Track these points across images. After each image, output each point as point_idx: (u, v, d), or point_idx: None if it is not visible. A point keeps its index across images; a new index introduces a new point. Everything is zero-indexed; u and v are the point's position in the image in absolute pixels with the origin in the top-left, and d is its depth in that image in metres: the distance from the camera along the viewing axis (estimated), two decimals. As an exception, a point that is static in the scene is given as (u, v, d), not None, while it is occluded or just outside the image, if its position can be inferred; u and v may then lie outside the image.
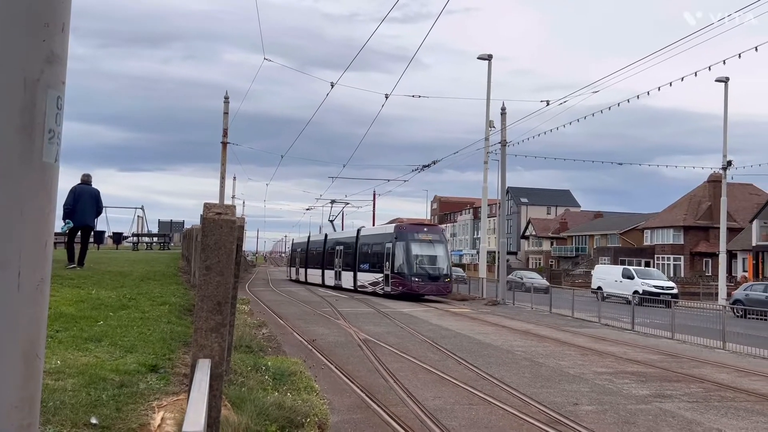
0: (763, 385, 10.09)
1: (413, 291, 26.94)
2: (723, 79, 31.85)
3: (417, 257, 27.78)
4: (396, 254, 27.90)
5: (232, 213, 2.99)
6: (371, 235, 32.18)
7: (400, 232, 28.74)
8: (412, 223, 32.24)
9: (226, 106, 30.37)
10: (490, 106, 27.31)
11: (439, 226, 33.50)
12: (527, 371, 10.58)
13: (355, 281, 32.02)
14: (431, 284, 27.50)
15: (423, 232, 29.03)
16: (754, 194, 59.13)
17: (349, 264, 33.38)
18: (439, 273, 28.14)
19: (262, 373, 5.88)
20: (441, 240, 29.48)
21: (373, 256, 30.61)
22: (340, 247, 35.57)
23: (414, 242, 28.02)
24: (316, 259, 40.55)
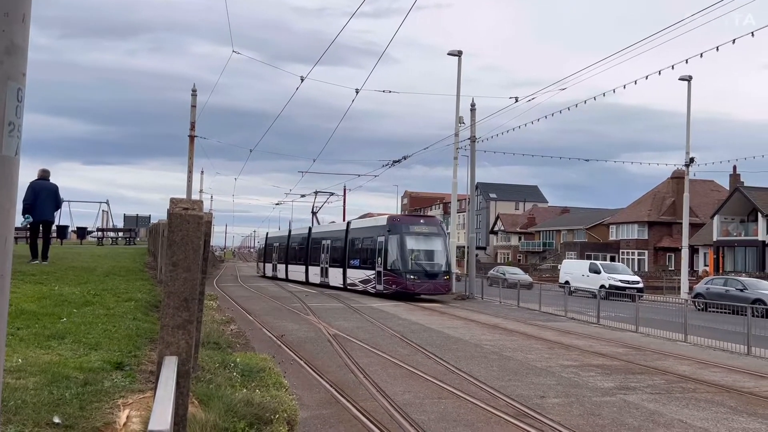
0: (723, 376, 10.38)
1: (408, 290, 24.51)
2: (686, 78, 32.57)
3: (412, 252, 25.31)
4: (389, 249, 25.37)
5: (200, 208, 2.95)
6: (362, 228, 29.27)
7: (393, 224, 26.15)
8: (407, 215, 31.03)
9: (193, 99, 29.96)
10: (460, 102, 27.49)
11: (437, 217, 29.28)
12: (495, 365, 10.70)
13: (344, 279, 29.44)
14: (428, 282, 24.95)
15: (419, 224, 26.53)
16: (715, 190, 60.73)
17: (337, 260, 30.75)
18: (437, 270, 25.50)
19: (231, 370, 5.82)
20: (439, 233, 26.63)
21: (364, 251, 28.00)
22: (327, 241, 32.69)
23: (409, 236, 25.46)
24: (298, 254, 37.62)
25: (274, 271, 42.17)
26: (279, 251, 41.95)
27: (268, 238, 47.17)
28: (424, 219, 27.73)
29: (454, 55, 27.34)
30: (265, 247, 47.07)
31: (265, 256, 46.35)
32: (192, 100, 29.99)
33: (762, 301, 22.62)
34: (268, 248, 45.42)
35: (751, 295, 24.04)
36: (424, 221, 27.00)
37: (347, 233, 30.10)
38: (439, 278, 25.34)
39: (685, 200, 35.21)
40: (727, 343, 13.80)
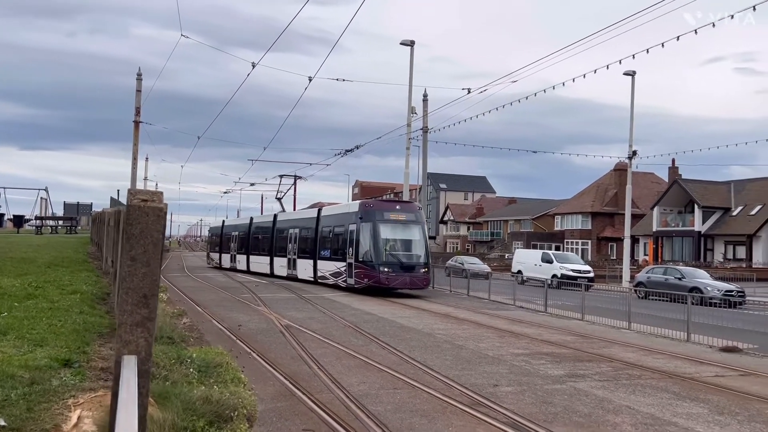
0: (665, 362, 10.77)
1: (381, 284, 22.22)
2: (630, 73, 33.49)
3: (387, 242, 22.84)
4: (361, 239, 22.99)
5: (159, 200, 2.82)
6: (333, 216, 26.75)
7: (365, 210, 23.52)
8: (381, 200, 27.05)
9: (138, 83, 29.01)
10: (412, 93, 27.51)
11: (415, 203, 26.12)
12: (449, 354, 10.80)
13: (315, 271, 27.01)
14: (404, 275, 22.54)
15: (394, 210, 23.76)
16: (655, 182, 62.99)
17: (307, 250, 28.23)
18: (415, 261, 23.12)
19: (187, 366, 5.66)
20: (417, 220, 23.97)
21: (335, 240, 25.53)
22: (295, 230, 30.01)
23: (383, 223, 22.96)
24: (262, 244, 34.72)
25: (232, 263, 39.26)
26: (239, 240, 38.86)
27: (226, 226, 43.84)
28: (400, 204, 24.77)
29: (406, 44, 27.31)
30: (221, 236, 43.48)
31: (221, 246, 42.99)
32: (137, 85, 29.03)
33: (699, 289, 23.62)
34: (226, 237, 42.18)
35: (688, 283, 25.06)
36: (400, 207, 24.24)
37: (318, 221, 27.71)
38: (417, 271, 23.03)
39: (627, 192, 36.32)
40: (668, 330, 14.32)
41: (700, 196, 48.30)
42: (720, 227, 47.28)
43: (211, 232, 48.97)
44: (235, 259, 38.84)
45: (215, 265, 43.35)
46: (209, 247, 48.31)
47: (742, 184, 50.08)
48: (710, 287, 24.27)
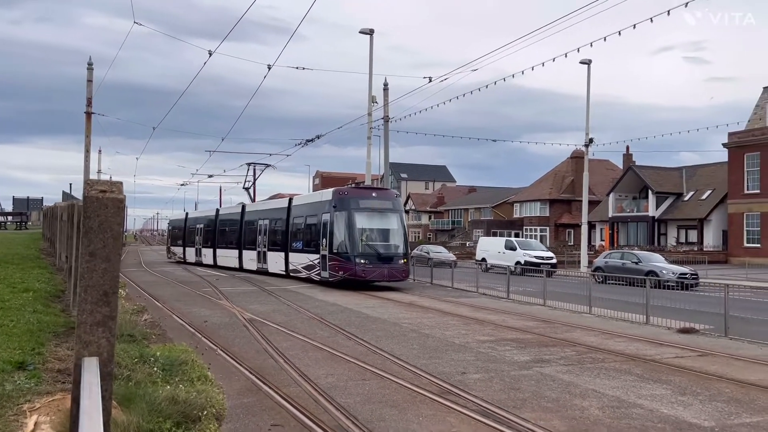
0: (627, 345, 10.98)
1: (358, 277, 20.91)
2: (586, 61, 34.01)
3: (363, 232, 21.55)
4: (335, 229, 21.65)
5: (119, 190, 2.64)
6: (305, 205, 25.29)
7: (339, 198, 22.12)
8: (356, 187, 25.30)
9: (90, 73, 28.06)
10: (372, 81, 27.34)
11: (392, 190, 24.82)
12: (415, 343, 10.78)
13: (287, 264, 25.72)
14: (382, 267, 21.22)
15: (370, 198, 22.34)
16: (610, 169, 64.38)
17: (278, 243, 26.81)
18: (393, 252, 21.84)
19: (150, 365, 5.44)
20: (395, 208, 22.71)
21: (307, 231, 24.14)
22: (265, 221, 28.50)
23: (358, 212, 21.59)
24: (230, 236, 33.01)
25: (198, 257, 37.43)
26: (204, 233, 37.05)
27: (190, 218, 41.45)
28: (376, 192, 23.23)
29: (366, 33, 27.09)
30: (185, 229, 41.21)
31: (185, 239, 40.76)
32: (88, 74, 28.07)
33: (655, 273, 24.20)
34: (190, 230, 39.98)
35: (645, 267, 25.67)
36: (376, 194, 22.74)
37: (289, 211, 26.32)
38: (395, 262, 21.68)
39: (584, 179, 36.99)
40: (627, 314, 14.62)
41: (654, 182, 49.55)
42: (673, 212, 48.64)
43: (173, 225, 46.99)
44: (201, 253, 37.22)
45: (178, 259, 41.63)
46: (170, 241, 45.93)
47: (693, 169, 51.57)
48: (665, 270, 24.92)
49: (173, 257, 43.29)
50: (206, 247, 36.33)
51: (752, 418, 6.50)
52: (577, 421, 6.33)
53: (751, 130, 42.83)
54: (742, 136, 42.68)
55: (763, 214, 40.71)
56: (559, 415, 6.51)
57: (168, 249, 46.08)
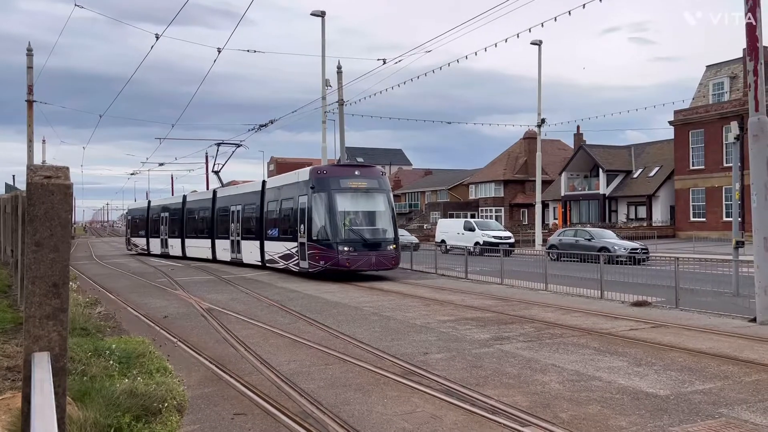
0: (583, 320, 11.23)
1: (341, 266, 18.71)
2: (537, 42, 34.41)
3: (346, 215, 19.25)
4: (314, 213, 19.42)
5: (65, 176, 2.50)
6: (280, 188, 22.82)
7: (318, 178, 19.72)
8: (337, 165, 22.06)
9: (29, 59, 26.87)
10: (326, 64, 27.02)
11: (377, 167, 22.10)
12: (377, 326, 10.78)
13: (262, 254, 23.63)
14: (369, 255, 18.97)
15: (353, 176, 19.97)
16: (562, 149, 65.61)
17: (252, 230, 24.55)
18: (380, 237, 19.57)
19: (106, 358, 5.26)
20: (381, 188, 20.25)
21: (283, 217, 21.95)
22: (238, 207, 26.15)
23: (340, 193, 19.28)
24: (200, 225, 30.55)
25: (164, 248, 34.91)
26: (170, 222, 34.28)
27: (153, 206, 38.44)
28: (360, 170, 20.73)
29: (317, 15, 26.71)
30: (147, 218, 38.11)
31: (148, 230, 37.88)
32: (28, 61, 26.88)
33: (607, 248, 24.83)
34: (153, 219, 37.02)
35: (597, 243, 26.32)
36: (360, 172, 20.33)
37: (263, 195, 24.07)
38: (384, 248, 19.37)
39: (538, 159, 37.60)
40: (582, 289, 14.96)
41: (604, 160, 50.72)
42: (623, 189, 49.94)
43: (133, 214, 43.36)
44: (167, 243, 34.52)
45: (140, 251, 38.87)
46: (130, 232, 42.83)
47: (641, 147, 52.97)
48: (617, 246, 25.60)
49: (134, 249, 40.79)
50: (173, 237, 33.81)
51: (704, 385, 6.73)
52: (539, 395, 6.43)
53: (695, 108, 44.20)
54: (687, 113, 44.01)
55: (708, 189, 42.20)
56: (521, 391, 6.61)
57: (128, 240, 43.24)
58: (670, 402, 6.13)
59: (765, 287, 10.53)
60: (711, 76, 45.61)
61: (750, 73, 10.92)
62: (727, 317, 11.27)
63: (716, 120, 41.00)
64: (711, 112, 42.23)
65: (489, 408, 6.00)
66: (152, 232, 37.19)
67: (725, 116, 39.12)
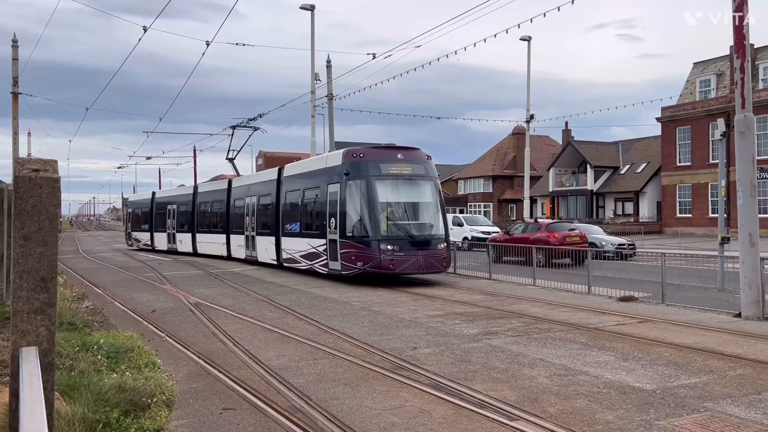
0: (570, 315, 11.31)
1: (384, 269, 15.80)
2: (526, 38, 34.49)
3: (388, 207, 16.41)
4: (348, 204, 16.58)
5: (53, 169, 2.48)
6: (303, 175, 19.93)
7: (353, 162, 16.76)
8: (375, 147, 18.18)
9: (15, 51, 26.57)
10: (315, 58, 26.93)
11: (421, 149, 18.19)
12: (366, 321, 10.79)
13: (278, 252, 21.16)
14: (416, 255, 16.05)
15: (396, 160, 16.91)
16: (550, 145, 65.87)
17: (268, 225, 22.04)
18: (429, 234, 16.66)
19: (94, 353, 5.22)
20: (427, 174, 17.36)
21: (306, 210, 19.26)
22: (252, 198, 23.54)
23: (380, 180, 16.41)
24: (212, 218, 28.18)
25: (171, 243, 32.29)
26: (180, 215, 31.61)
27: (158, 198, 35.68)
28: (402, 152, 17.32)
29: (306, 9, 26.60)
30: (152, 211, 35.48)
31: (153, 223, 35.21)
32: (13, 53, 26.58)
33: (594, 244, 24.98)
34: (159, 212, 34.34)
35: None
36: (403, 155, 17.13)
37: (279, 184, 21.46)
38: (434, 247, 16.47)
39: (526, 155, 37.74)
40: (570, 284, 15.05)
41: (592, 156, 50.99)
42: (610, 185, 50.24)
43: (134, 207, 40.03)
44: (175, 239, 31.85)
45: (142, 247, 36.31)
46: (131, 226, 39.80)
47: (629, 143, 53.30)
48: (604, 242, 25.75)
49: (135, 244, 38.00)
50: (182, 232, 31.10)
51: (690, 380, 6.80)
52: (527, 390, 6.48)
53: (682, 105, 44.51)
54: (674, 110, 44.32)
55: (694, 186, 42.57)
56: (509, 385, 6.64)
57: (128, 235, 40.41)
58: (657, 396, 6.19)
59: (750, 283, 10.65)
60: (698, 74, 45.94)
61: (737, 71, 11.01)
62: (713, 312, 11.39)
63: (703, 117, 41.31)
64: (698, 109, 42.55)
65: (477, 402, 6.03)
66: (157, 226, 34.59)
67: (712, 113, 39.44)
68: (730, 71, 40.96)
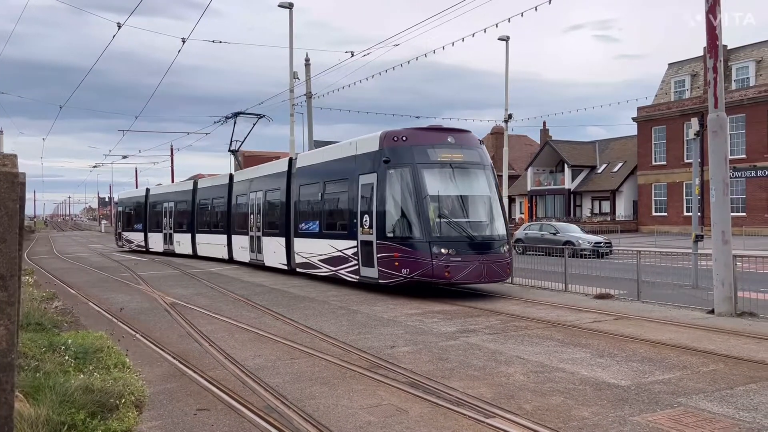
0: (548, 313, 11.37)
1: (438, 277, 13.00)
2: (504, 38, 34.60)
3: (441, 201, 13.53)
4: (387, 197, 13.77)
5: (12, 164, 2.40)
6: (323, 165, 17.04)
7: (394, 147, 13.88)
8: (417, 128, 14.72)
9: (-15, 47, 26.01)
10: (293, 56, 26.76)
11: (472, 132, 14.89)
12: (344, 320, 10.74)
13: (288, 255, 18.69)
14: (476, 259, 13.11)
15: (446, 144, 14.01)
16: (529, 144, 66.35)
17: (276, 224, 19.60)
18: (491, 234, 13.73)
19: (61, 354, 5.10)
20: (482, 162, 14.42)
21: (328, 206, 16.54)
22: (258, 194, 21.15)
23: (428, 168, 13.58)
24: (213, 217, 25.87)
25: (167, 245, 30.10)
26: (177, 215, 29.41)
27: (153, 195, 33.08)
28: (453, 134, 14.39)
29: (285, 7, 26.41)
30: (146, 209, 32.94)
31: (147, 223, 32.74)
32: (-17, 49, 26.00)
33: (571, 242, 25.24)
34: (154, 210, 31.98)
35: (562, 237, 26.73)
36: (454, 139, 14.21)
37: (289, 176, 18.90)
38: (496, 250, 13.55)
39: (504, 154, 37.86)
40: (547, 282, 15.15)
41: (569, 155, 51.47)
42: (587, 184, 50.76)
43: (125, 204, 37.05)
44: (172, 239, 29.64)
45: (135, 248, 34.00)
46: (121, 225, 37.10)
47: (605, 143, 53.90)
48: (581, 240, 26.02)
49: (126, 245, 35.56)
50: (181, 232, 28.82)
51: (664, 375, 6.87)
52: (503, 387, 6.48)
53: (657, 105, 45.11)
54: (650, 110, 44.90)
55: (670, 185, 43.17)
56: (486, 383, 6.65)
57: (118, 235, 37.82)
58: (631, 392, 6.23)
59: (723, 280, 10.80)
60: (673, 74, 46.59)
61: (710, 71, 11.15)
62: (687, 309, 11.54)
63: (678, 117, 41.91)
64: (673, 109, 43.16)
65: (454, 400, 6.02)
66: (152, 226, 32.13)
67: (686, 113, 40.03)
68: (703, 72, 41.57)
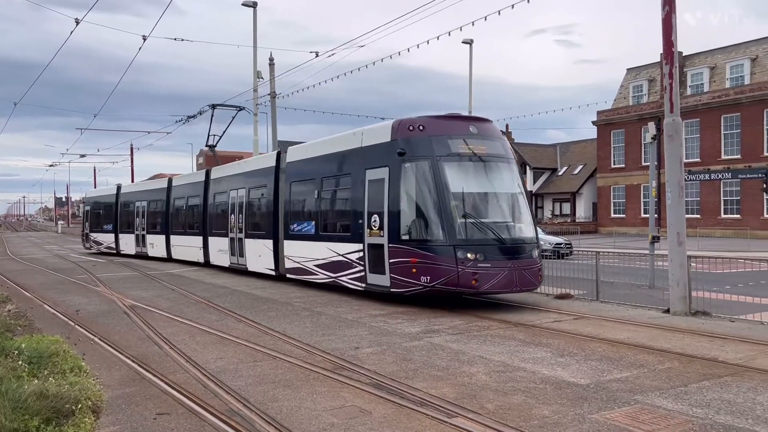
0: (509, 313, 11.51)
1: (464, 286, 11.34)
2: (468, 41, 34.96)
3: (464, 199, 11.86)
4: (401, 194, 12.11)
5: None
6: (320, 159, 15.24)
7: (410, 137, 12.15)
8: (434, 116, 12.71)
9: (-66, 41, 25.03)
10: (257, 56, 26.52)
11: (493, 122, 13.18)
12: (308, 321, 10.70)
13: (276, 258, 17.07)
14: (507, 265, 11.49)
15: (468, 134, 12.24)
16: (492, 146, 67.17)
17: (261, 225, 18.03)
18: (520, 237, 12.12)
19: (14, 359, 4.94)
20: (507, 155, 12.81)
21: (327, 204, 14.90)
22: (240, 192, 19.38)
23: (448, 161, 11.88)
24: (188, 217, 24.26)
25: (140, 247, 28.45)
26: (150, 215, 27.77)
27: (124, 194, 31.12)
28: (474, 123, 12.72)
29: (248, 5, 26.17)
30: (117, 209, 31.07)
31: (118, 223, 30.87)
32: (-68, 43, 25.05)
33: (533, 243, 25.56)
34: (125, 210, 30.21)
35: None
36: (476, 129, 12.48)
37: (277, 171, 17.16)
38: (527, 255, 11.94)
39: (468, 155, 38.24)
40: (510, 283, 15.31)
41: (532, 158, 52.25)
42: (548, 186, 51.61)
43: (92, 204, 34.81)
44: (145, 241, 28.00)
45: (104, 250, 32.11)
46: (89, 226, 34.85)
47: (566, 146, 54.90)
48: (543, 241, 26.28)
49: (95, 247, 33.58)
50: (155, 233, 27.11)
51: (622, 374, 7.03)
52: (466, 387, 6.55)
53: (616, 109, 46.15)
54: (609, 114, 45.91)
55: (628, 187, 44.20)
56: (449, 383, 6.70)
57: (85, 236, 35.67)
58: (590, 390, 6.37)
59: (678, 280, 11.12)
60: (631, 79, 47.74)
61: (666, 77, 11.47)
62: (643, 309, 11.83)
63: (636, 121, 42.96)
64: (631, 113, 44.22)
65: (417, 400, 6.05)
66: (124, 227, 30.26)
67: (644, 117, 41.05)
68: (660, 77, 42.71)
